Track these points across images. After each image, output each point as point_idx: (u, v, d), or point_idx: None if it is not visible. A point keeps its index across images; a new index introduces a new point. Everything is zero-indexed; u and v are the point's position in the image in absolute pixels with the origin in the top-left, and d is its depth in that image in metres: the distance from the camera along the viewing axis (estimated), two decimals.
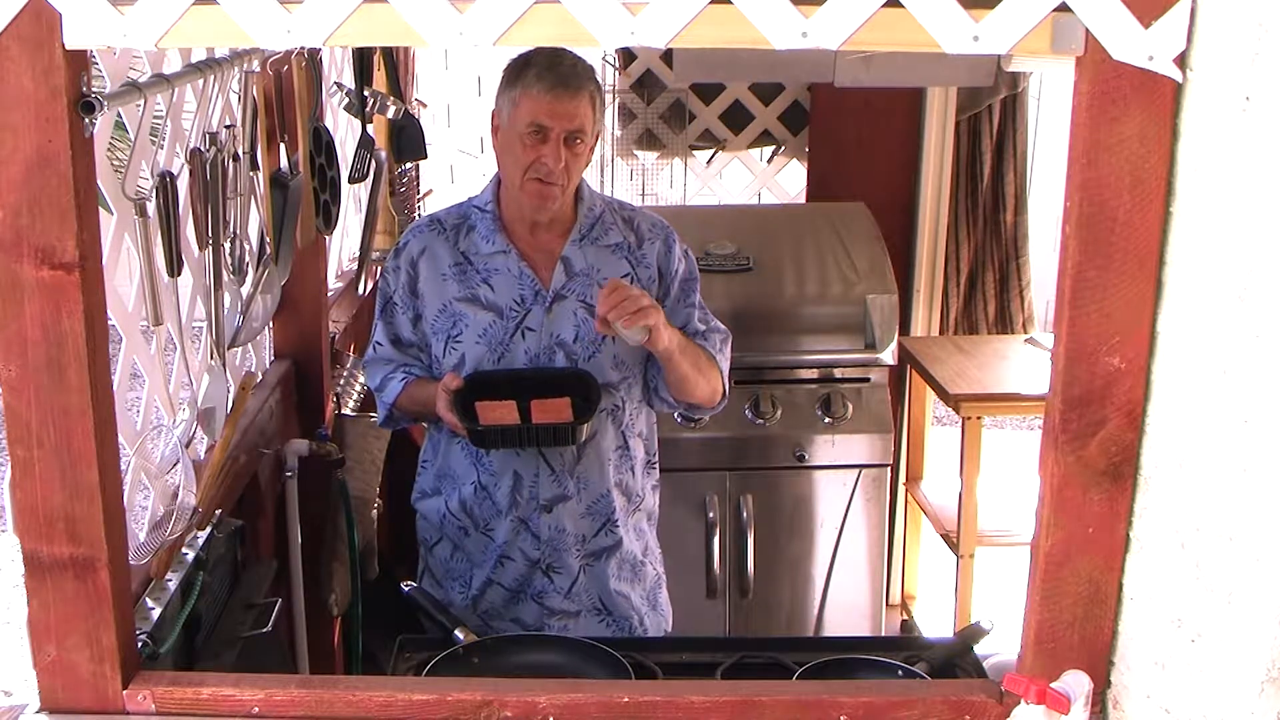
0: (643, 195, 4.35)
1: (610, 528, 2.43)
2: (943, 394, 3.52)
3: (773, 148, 4.36)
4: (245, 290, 2.34)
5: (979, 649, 1.99)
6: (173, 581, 1.91)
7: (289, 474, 2.75)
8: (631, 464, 2.45)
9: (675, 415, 3.15)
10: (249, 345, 2.55)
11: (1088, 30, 1.32)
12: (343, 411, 3.11)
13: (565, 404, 2.22)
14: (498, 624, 2.40)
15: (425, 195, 4.20)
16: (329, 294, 3.11)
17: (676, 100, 4.21)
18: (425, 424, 2.51)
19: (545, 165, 2.22)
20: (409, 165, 3.71)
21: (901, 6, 1.33)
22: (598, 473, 2.39)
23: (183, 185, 2.05)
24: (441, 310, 2.35)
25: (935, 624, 3.81)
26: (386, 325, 2.42)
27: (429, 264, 2.36)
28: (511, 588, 2.43)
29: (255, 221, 2.40)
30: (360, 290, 3.49)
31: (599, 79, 2.29)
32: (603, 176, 4.35)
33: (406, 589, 2.25)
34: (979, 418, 3.46)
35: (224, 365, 2.27)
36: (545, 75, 2.20)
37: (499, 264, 2.34)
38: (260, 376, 2.69)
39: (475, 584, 2.45)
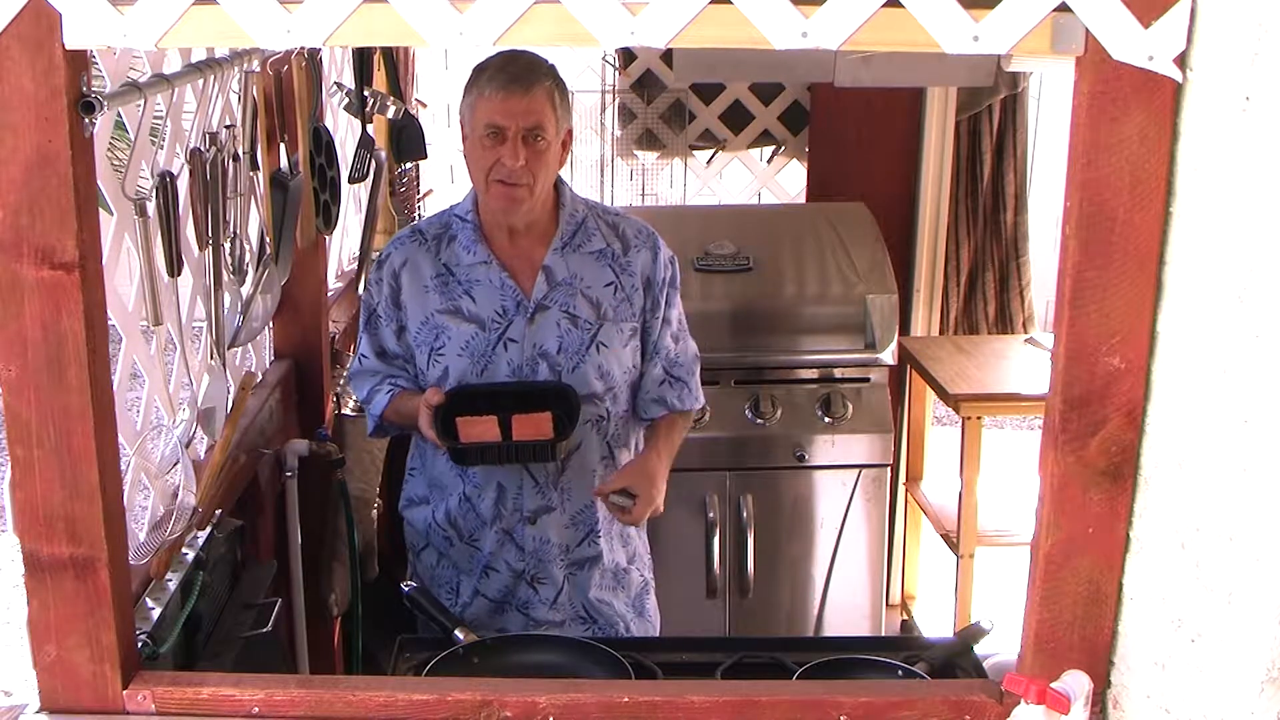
0: (643, 195, 4.35)
1: (593, 539, 2.42)
2: (943, 394, 3.52)
3: (773, 148, 4.36)
4: (245, 290, 2.34)
5: (979, 649, 1.99)
6: (173, 581, 1.91)
7: (289, 474, 2.74)
8: None
9: None
10: (249, 345, 2.55)
11: (1088, 30, 1.32)
12: (343, 411, 3.10)
13: (546, 419, 2.21)
14: (482, 635, 2.39)
15: (425, 195, 4.20)
16: (329, 294, 3.11)
17: (676, 100, 4.21)
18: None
19: (505, 166, 2.20)
20: (409, 165, 3.71)
21: (901, 6, 1.33)
22: (582, 484, 2.38)
23: (183, 185, 2.05)
24: (424, 323, 2.34)
25: (935, 624, 3.81)
26: (371, 337, 2.41)
27: (411, 276, 2.35)
28: (496, 599, 2.43)
29: (255, 221, 2.40)
30: (360, 290, 3.49)
31: (559, 76, 2.27)
32: (603, 177, 4.35)
33: (406, 589, 2.25)
34: (979, 418, 3.46)
35: (224, 365, 2.27)
36: (496, 76, 2.20)
37: (480, 275, 2.32)
38: (260, 376, 2.69)
39: (463, 593, 2.45)
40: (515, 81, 2.19)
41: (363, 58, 3.04)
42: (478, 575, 2.42)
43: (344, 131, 3.34)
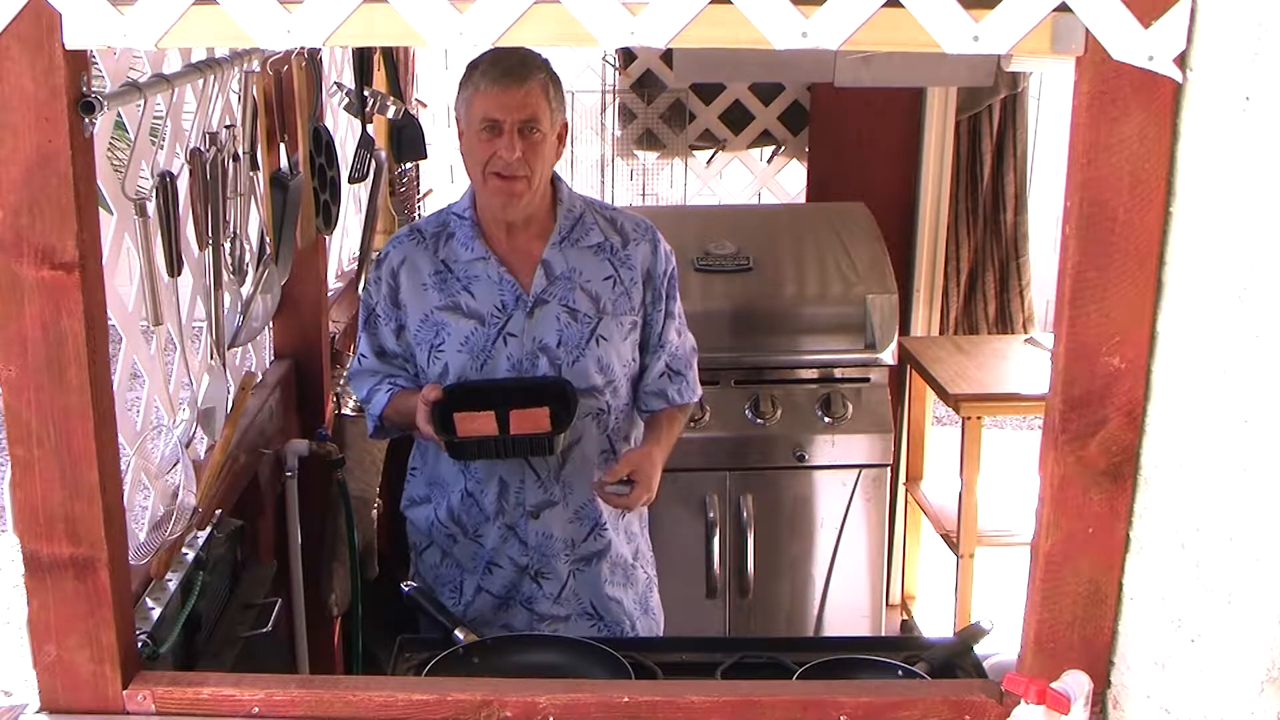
0: (643, 195, 4.35)
1: (599, 531, 2.42)
2: (943, 394, 3.52)
3: (773, 148, 4.36)
4: (245, 290, 2.34)
5: (979, 649, 1.99)
6: (173, 581, 1.91)
7: (289, 474, 2.75)
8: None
9: None
10: (249, 345, 2.55)
11: (1088, 30, 1.32)
12: (343, 411, 3.11)
13: (544, 414, 2.21)
14: (487, 631, 2.38)
15: (425, 195, 4.20)
16: (329, 294, 3.12)
17: (676, 100, 4.21)
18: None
19: (501, 159, 2.22)
20: (409, 165, 3.71)
21: (901, 6, 1.33)
22: (583, 477, 2.38)
23: (183, 185, 2.05)
24: (424, 320, 2.34)
25: (935, 624, 3.81)
26: (370, 337, 2.42)
27: (410, 274, 2.36)
28: (500, 594, 2.42)
29: (255, 221, 2.40)
30: (360, 290, 3.49)
31: (553, 70, 2.27)
32: (603, 177, 4.35)
33: (406, 589, 2.25)
34: (979, 418, 3.46)
35: (224, 365, 2.27)
36: (490, 70, 2.21)
37: (479, 270, 2.33)
38: (260, 376, 2.69)
39: (466, 590, 2.45)
40: (509, 75, 2.20)
41: (363, 58, 3.04)
42: (481, 572, 2.42)
43: (344, 131, 3.34)
